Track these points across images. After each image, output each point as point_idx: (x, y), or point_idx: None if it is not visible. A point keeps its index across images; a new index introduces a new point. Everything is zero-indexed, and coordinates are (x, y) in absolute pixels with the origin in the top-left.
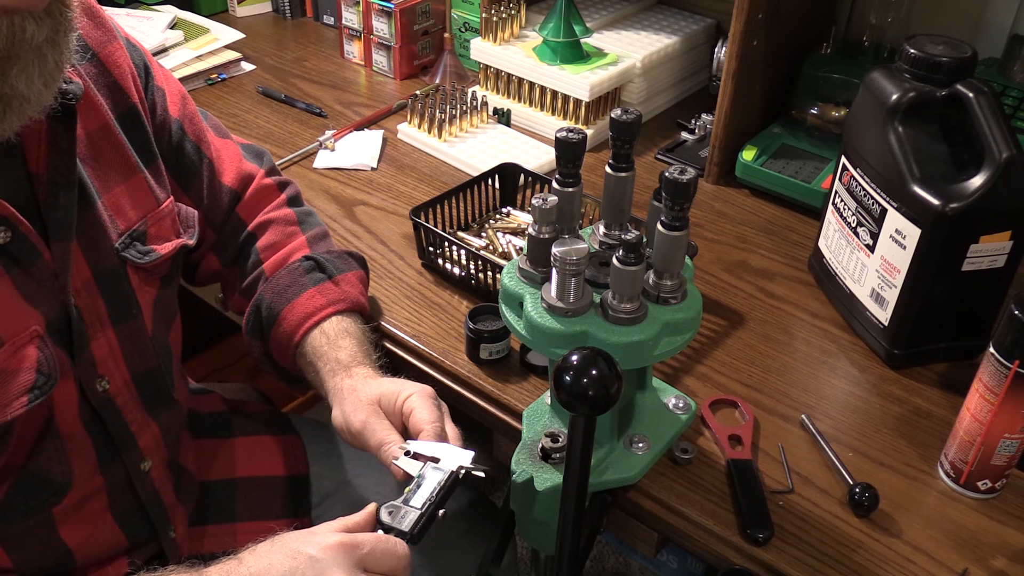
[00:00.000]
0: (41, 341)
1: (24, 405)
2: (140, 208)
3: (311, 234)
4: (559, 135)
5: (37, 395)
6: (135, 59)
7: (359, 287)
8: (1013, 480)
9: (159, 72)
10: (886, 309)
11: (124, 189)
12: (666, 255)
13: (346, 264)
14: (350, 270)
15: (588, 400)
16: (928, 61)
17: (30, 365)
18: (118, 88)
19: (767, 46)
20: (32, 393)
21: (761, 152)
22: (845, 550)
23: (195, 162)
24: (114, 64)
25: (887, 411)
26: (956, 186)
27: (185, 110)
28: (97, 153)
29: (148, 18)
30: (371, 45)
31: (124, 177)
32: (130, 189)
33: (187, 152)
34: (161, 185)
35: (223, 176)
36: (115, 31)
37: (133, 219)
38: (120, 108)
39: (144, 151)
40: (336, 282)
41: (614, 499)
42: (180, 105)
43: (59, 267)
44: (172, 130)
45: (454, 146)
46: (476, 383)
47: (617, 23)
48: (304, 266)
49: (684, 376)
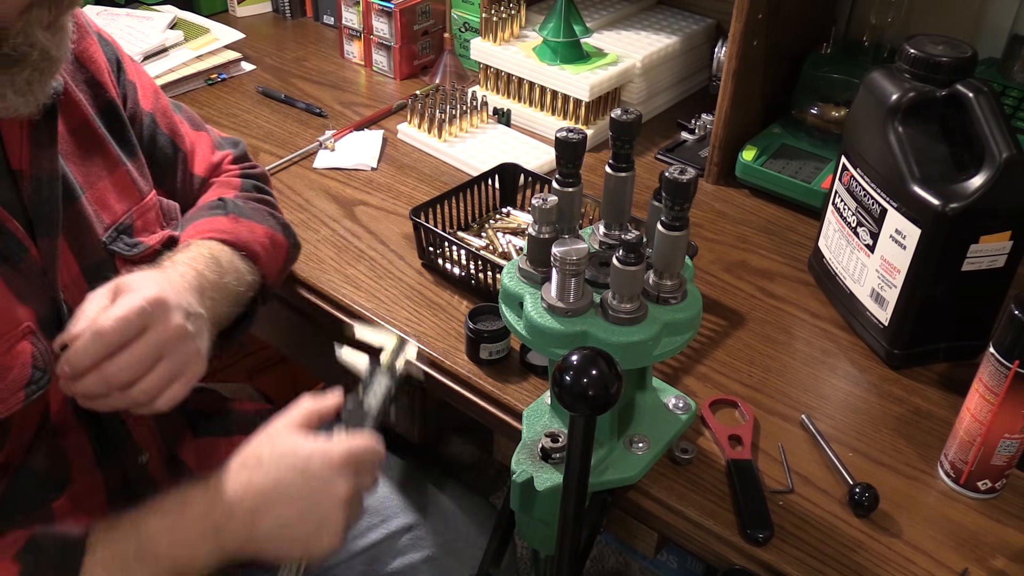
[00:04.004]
0: (34, 337)
1: (21, 401)
2: (125, 201)
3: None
4: (559, 135)
5: (34, 390)
6: (108, 54)
7: (261, 239)
8: (1013, 480)
9: (131, 66)
10: (886, 309)
11: (108, 183)
12: (666, 255)
13: (260, 217)
14: (261, 222)
15: (588, 400)
16: (928, 61)
17: (25, 361)
18: (96, 83)
19: (767, 46)
20: (29, 388)
21: (761, 152)
22: (845, 550)
23: (169, 155)
24: (89, 59)
25: (887, 411)
26: (956, 186)
27: (157, 104)
28: (79, 149)
29: (148, 18)
30: (371, 45)
31: (108, 171)
32: (114, 183)
33: (161, 145)
34: (144, 177)
35: (196, 168)
36: (87, 26)
37: (119, 212)
38: (99, 103)
39: (126, 145)
40: (232, 219)
41: (614, 499)
42: (152, 99)
43: (47, 263)
44: (144, 123)
45: (454, 146)
46: (476, 383)
47: (617, 23)
48: (210, 203)
49: (684, 376)
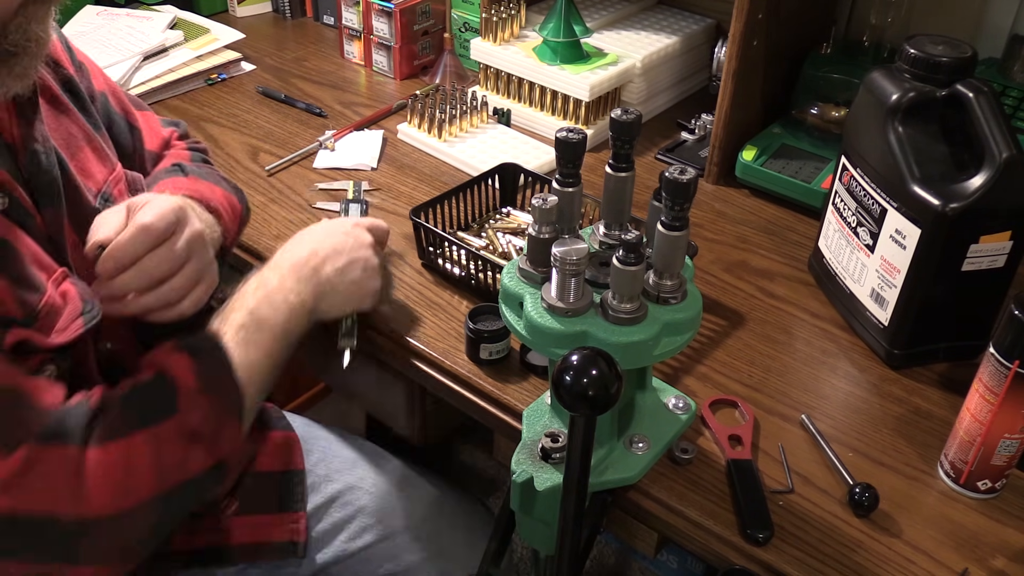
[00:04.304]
0: (72, 278)
1: (81, 327)
2: (104, 170)
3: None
4: (559, 135)
5: (89, 318)
6: (56, 32)
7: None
8: (1013, 480)
9: (76, 48)
10: (886, 309)
11: (88, 153)
12: (666, 255)
13: (215, 179)
14: (217, 184)
15: (588, 400)
16: (928, 61)
17: (74, 295)
18: (54, 61)
19: (767, 46)
20: (85, 316)
21: (761, 152)
22: (845, 550)
23: (126, 133)
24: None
25: (887, 411)
26: (956, 186)
27: (108, 84)
28: (55, 121)
29: (148, 18)
30: (371, 45)
31: (85, 141)
32: (93, 151)
33: (116, 123)
34: (111, 150)
35: (148, 144)
36: None
37: (100, 181)
38: (61, 79)
39: (90, 118)
40: (192, 179)
41: (614, 499)
42: (102, 79)
43: (52, 231)
44: (100, 102)
45: (454, 146)
46: (476, 383)
47: (617, 23)
48: (167, 168)
49: (684, 376)
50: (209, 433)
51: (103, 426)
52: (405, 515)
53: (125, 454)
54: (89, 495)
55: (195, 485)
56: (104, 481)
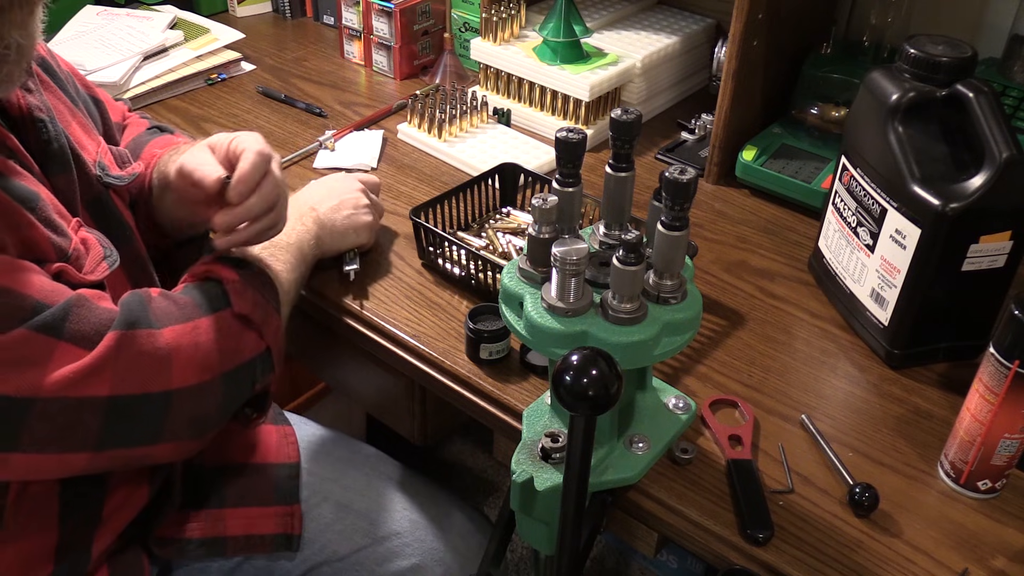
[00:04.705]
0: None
1: (107, 269)
2: (92, 141)
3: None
4: (559, 135)
5: (111, 262)
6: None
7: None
8: (1013, 480)
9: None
10: (886, 309)
11: (77, 125)
12: (666, 255)
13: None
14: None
15: (588, 400)
16: (928, 61)
17: (94, 241)
18: None
19: (767, 46)
20: (107, 260)
21: (761, 152)
22: (845, 550)
23: (94, 109)
24: None
25: (887, 411)
26: (956, 186)
27: (68, 66)
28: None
29: (148, 18)
30: (371, 45)
31: (72, 115)
32: (80, 125)
33: (85, 100)
34: (91, 122)
35: (113, 116)
36: None
37: (92, 152)
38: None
39: (68, 95)
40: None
41: (614, 499)
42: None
43: (66, 199)
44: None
45: (454, 146)
46: (476, 383)
47: (617, 23)
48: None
49: (684, 376)
50: (258, 321)
51: (169, 313)
52: (405, 516)
53: (193, 335)
54: (172, 369)
55: (249, 369)
56: (182, 356)
